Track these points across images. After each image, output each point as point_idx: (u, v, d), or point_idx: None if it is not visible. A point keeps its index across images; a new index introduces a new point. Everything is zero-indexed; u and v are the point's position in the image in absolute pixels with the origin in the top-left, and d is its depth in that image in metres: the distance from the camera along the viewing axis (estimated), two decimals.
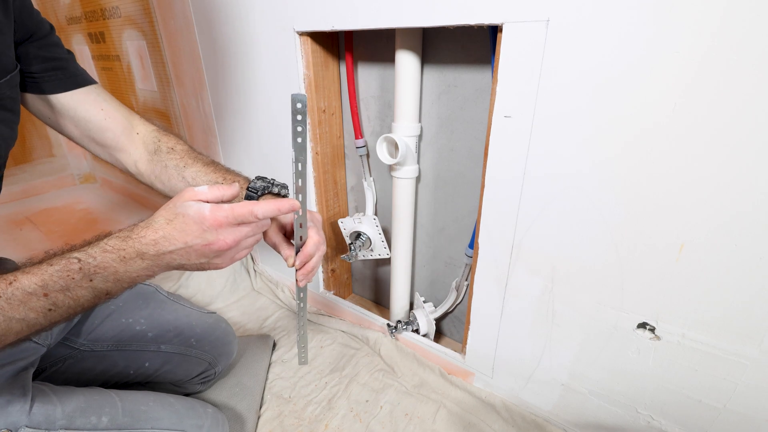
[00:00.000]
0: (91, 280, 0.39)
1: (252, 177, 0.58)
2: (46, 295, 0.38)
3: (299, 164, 0.45)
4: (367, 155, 0.93)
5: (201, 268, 0.45)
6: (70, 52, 0.58)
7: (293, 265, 0.52)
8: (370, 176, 0.94)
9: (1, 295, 0.36)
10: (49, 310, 0.39)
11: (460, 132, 0.77)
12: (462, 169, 0.80)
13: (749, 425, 0.55)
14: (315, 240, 0.52)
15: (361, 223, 0.93)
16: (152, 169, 0.62)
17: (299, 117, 0.42)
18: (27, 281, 0.37)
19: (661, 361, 0.59)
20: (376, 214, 0.98)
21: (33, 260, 0.40)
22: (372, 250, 0.95)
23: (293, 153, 0.44)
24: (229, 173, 0.61)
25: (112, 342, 0.67)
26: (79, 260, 0.39)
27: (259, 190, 0.55)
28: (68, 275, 0.38)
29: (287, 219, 0.57)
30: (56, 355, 0.63)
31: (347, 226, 0.95)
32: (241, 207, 0.43)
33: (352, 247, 0.93)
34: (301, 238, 0.50)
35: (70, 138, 0.62)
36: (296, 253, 0.51)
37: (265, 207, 0.43)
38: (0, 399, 0.47)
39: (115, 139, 0.61)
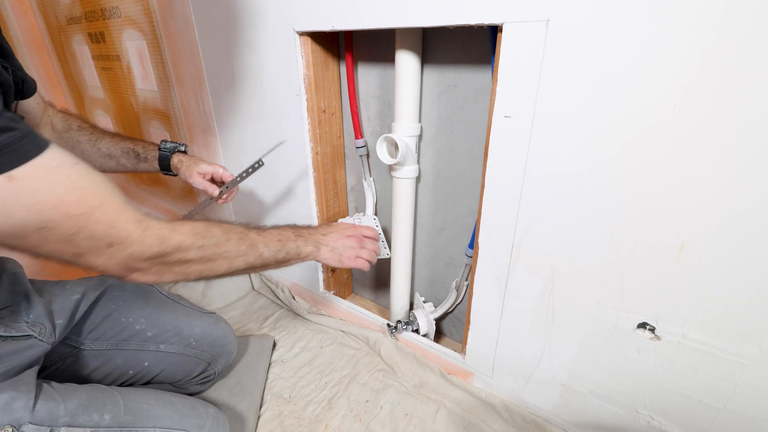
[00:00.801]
0: (297, 240, 0.65)
1: (161, 143, 0.82)
2: (279, 240, 0.62)
3: (251, 169, 0.82)
4: (367, 155, 0.93)
5: (334, 256, 0.69)
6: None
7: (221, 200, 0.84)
8: (370, 176, 0.94)
9: (262, 236, 0.60)
10: (279, 250, 0.61)
11: (460, 132, 0.77)
12: (462, 169, 0.80)
13: (749, 425, 0.56)
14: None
15: (361, 222, 0.93)
16: (62, 146, 0.73)
17: (256, 166, 0.81)
18: (271, 233, 0.62)
19: (661, 361, 0.59)
20: (376, 214, 0.98)
21: (266, 227, 0.63)
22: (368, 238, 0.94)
23: (249, 166, 0.82)
24: (135, 140, 0.82)
25: (111, 341, 0.67)
26: (292, 230, 0.66)
27: (170, 149, 0.82)
28: (289, 234, 0.64)
29: (209, 170, 0.82)
30: (57, 354, 0.64)
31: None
32: (367, 229, 0.76)
33: None
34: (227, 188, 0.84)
35: None
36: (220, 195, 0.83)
37: (369, 228, 0.77)
38: (5, 395, 0.47)
39: (37, 123, 0.71)
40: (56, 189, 0.39)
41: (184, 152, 0.83)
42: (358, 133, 0.89)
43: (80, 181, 0.42)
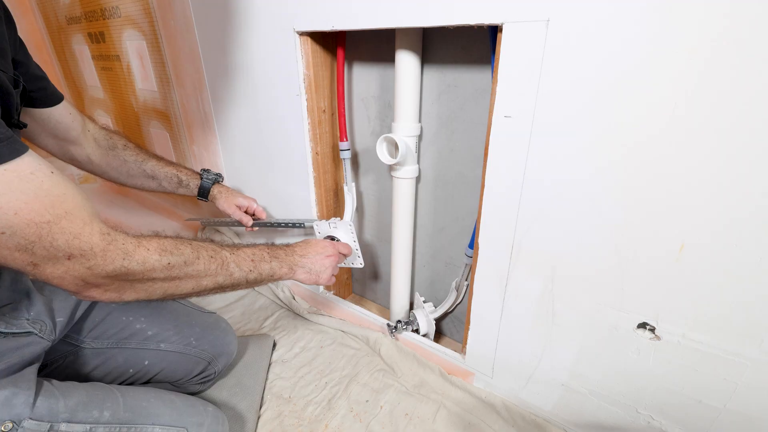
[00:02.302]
0: (271, 261, 0.64)
1: (199, 170, 0.91)
2: (252, 261, 0.61)
3: (290, 224, 0.96)
4: (351, 159, 0.90)
5: (310, 277, 0.70)
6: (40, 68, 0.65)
7: (250, 227, 0.95)
8: (352, 181, 0.90)
9: (234, 255, 0.59)
10: (251, 270, 0.60)
11: (460, 132, 0.77)
12: (462, 169, 0.80)
13: (749, 425, 0.56)
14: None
15: (336, 228, 0.88)
16: (107, 162, 0.78)
17: (297, 225, 0.95)
18: (245, 252, 0.62)
19: (661, 361, 0.59)
20: (353, 220, 0.91)
21: (241, 245, 0.63)
22: (345, 255, 0.87)
23: (290, 220, 0.96)
24: (179, 166, 0.88)
25: (112, 339, 0.68)
26: (268, 249, 0.66)
27: (212, 180, 0.90)
28: (264, 254, 0.64)
29: (245, 203, 0.92)
30: (58, 352, 0.64)
31: (322, 229, 0.90)
32: (344, 247, 0.80)
33: None
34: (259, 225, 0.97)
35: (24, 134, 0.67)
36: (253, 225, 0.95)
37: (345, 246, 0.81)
38: (5, 391, 0.48)
39: (77, 136, 0.72)
40: (23, 195, 0.39)
41: (221, 182, 0.94)
42: (344, 134, 0.86)
43: (52, 190, 0.41)
